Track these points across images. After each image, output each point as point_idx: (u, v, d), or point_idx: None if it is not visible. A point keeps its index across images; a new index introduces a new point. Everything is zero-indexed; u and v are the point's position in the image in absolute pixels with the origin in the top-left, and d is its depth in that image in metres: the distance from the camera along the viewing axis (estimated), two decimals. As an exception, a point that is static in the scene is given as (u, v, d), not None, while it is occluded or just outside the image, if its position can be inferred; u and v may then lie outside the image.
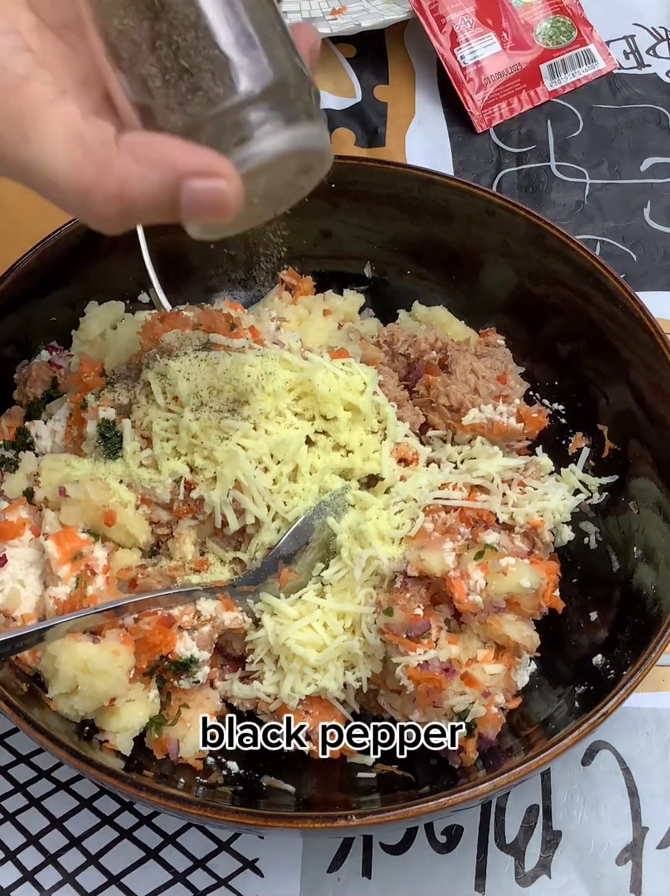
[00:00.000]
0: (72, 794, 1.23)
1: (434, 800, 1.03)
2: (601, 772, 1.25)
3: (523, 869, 1.19)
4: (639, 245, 1.68)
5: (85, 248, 1.37)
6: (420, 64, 1.88)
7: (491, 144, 1.79)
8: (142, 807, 1.22)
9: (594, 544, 1.31)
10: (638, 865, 1.20)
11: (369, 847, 1.20)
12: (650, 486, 1.27)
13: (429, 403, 1.33)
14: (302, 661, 1.15)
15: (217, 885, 1.18)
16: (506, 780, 1.04)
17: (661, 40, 1.92)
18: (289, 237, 1.49)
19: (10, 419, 1.32)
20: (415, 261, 1.49)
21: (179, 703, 1.17)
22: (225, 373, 1.22)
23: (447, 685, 1.12)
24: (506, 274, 1.44)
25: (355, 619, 1.17)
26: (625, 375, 1.32)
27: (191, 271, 1.49)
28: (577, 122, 1.81)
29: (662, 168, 1.76)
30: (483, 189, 1.42)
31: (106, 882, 1.18)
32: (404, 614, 1.14)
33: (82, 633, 1.12)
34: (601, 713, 1.06)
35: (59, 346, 1.38)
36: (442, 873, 1.19)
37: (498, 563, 1.17)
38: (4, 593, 1.17)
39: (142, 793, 1.03)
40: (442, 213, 1.43)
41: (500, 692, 1.17)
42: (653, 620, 1.15)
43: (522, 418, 1.32)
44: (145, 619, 1.14)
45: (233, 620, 1.18)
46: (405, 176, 1.43)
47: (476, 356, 1.35)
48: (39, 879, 1.18)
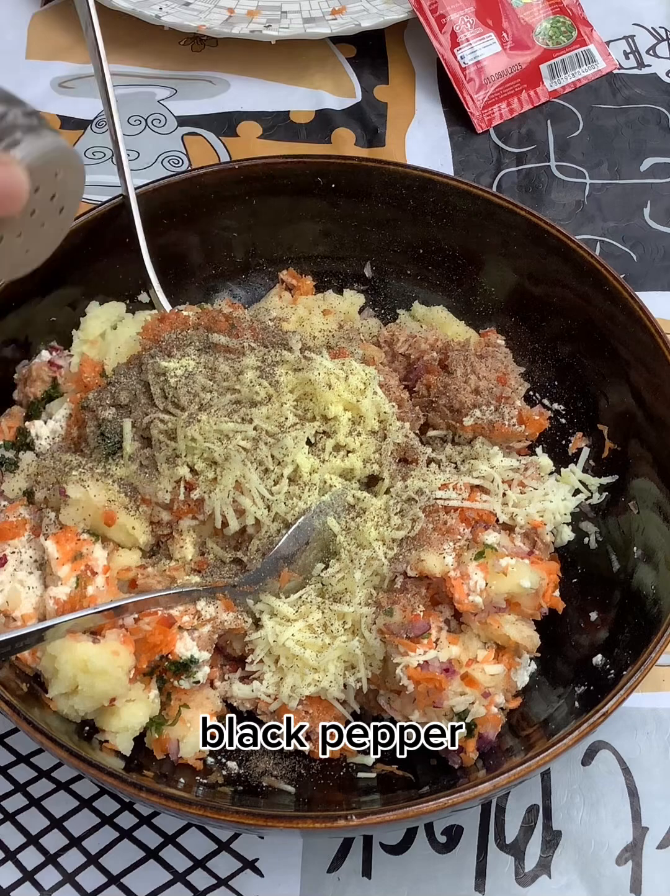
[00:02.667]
0: (72, 794, 1.23)
1: (434, 800, 1.03)
2: (601, 772, 1.25)
3: (523, 869, 1.19)
4: (639, 245, 1.68)
5: (85, 248, 1.37)
6: (420, 64, 1.88)
7: (491, 144, 1.79)
8: (142, 807, 1.22)
9: (594, 544, 1.31)
10: (638, 865, 1.20)
11: (369, 847, 1.20)
12: (650, 486, 1.27)
13: (430, 403, 1.33)
14: (302, 662, 1.15)
15: (217, 885, 1.18)
16: (506, 780, 1.04)
17: (661, 40, 1.92)
18: (289, 237, 1.49)
19: (10, 419, 1.32)
20: (415, 261, 1.49)
21: (179, 703, 1.17)
22: (225, 375, 1.22)
23: (447, 685, 1.12)
24: (506, 274, 1.44)
25: (355, 619, 1.17)
26: (625, 375, 1.33)
27: (191, 271, 1.49)
28: (577, 122, 1.81)
29: (662, 168, 1.76)
30: (483, 189, 1.42)
31: (106, 882, 1.18)
32: (404, 615, 1.14)
33: (82, 633, 1.12)
34: (601, 713, 1.07)
35: (59, 346, 1.38)
36: (442, 873, 1.19)
37: (498, 563, 1.17)
38: (4, 593, 1.17)
39: (142, 793, 1.03)
40: (442, 213, 1.43)
41: (500, 692, 1.17)
42: (653, 620, 1.15)
43: (523, 420, 1.32)
44: (145, 620, 1.14)
45: (233, 621, 1.18)
46: (405, 176, 1.43)
47: (476, 356, 1.35)
48: (39, 879, 1.18)
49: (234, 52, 1.85)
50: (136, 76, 1.85)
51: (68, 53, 1.87)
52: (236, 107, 1.82)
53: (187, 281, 1.49)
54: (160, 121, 1.80)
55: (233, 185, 1.42)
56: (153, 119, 1.80)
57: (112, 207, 1.37)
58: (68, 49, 1.87)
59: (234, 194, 1.43)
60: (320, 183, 1.43)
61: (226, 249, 1.50)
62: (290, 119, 1.81)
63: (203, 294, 1.50)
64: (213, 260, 1.50)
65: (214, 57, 1.87)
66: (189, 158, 1.76)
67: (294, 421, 1.22)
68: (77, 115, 1.80)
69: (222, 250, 1.50)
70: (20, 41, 1.89)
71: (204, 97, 1.83)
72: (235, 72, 1.86)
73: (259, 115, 1.81)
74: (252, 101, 1.83)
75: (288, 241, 1.50)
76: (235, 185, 1.42)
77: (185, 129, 1.80)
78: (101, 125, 1.78)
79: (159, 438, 1.19)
